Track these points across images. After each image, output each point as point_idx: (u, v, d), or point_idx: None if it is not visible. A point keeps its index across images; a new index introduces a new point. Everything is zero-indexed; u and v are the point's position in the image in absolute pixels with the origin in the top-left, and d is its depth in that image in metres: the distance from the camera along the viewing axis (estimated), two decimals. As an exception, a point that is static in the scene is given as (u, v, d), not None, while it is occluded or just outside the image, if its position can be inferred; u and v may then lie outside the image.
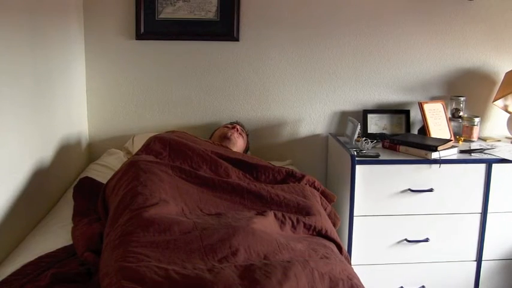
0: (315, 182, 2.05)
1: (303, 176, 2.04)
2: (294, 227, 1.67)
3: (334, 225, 1.93)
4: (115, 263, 1.25)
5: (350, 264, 1.65)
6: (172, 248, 1.34)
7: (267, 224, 1.58)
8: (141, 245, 1.33)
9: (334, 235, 1.75)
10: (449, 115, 2.70)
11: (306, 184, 2.00)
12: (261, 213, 1.65)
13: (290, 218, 1.68)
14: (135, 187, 1.62)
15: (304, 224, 1.69)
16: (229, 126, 2.44)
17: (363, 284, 1.44)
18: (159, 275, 1.19)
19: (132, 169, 1.74)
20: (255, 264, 1.30)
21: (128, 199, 1.57)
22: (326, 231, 1.72)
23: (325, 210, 1.90)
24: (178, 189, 1.71)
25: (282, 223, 1.65)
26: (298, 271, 1.29)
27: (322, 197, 2.00)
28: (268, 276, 1.23)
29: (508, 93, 2.57)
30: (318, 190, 2.03)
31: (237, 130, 2.39)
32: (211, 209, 1.69)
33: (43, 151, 2.02)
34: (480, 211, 2.35)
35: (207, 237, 1.39)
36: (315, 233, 1.71)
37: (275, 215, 1.66)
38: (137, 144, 2.52)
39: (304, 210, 1.76)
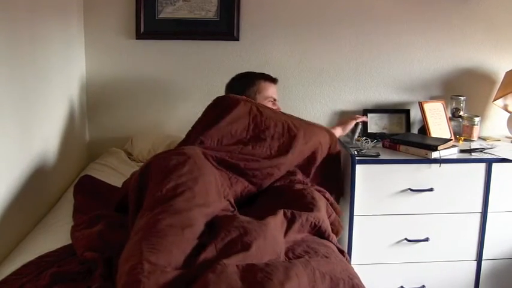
0: (326, 193, 2.00)
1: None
2: (302, 225, 1.66)
3: (337, 233, 1.91)
4: (140, 254, 1.24)
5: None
6: (192, 247, 1.34)
7: (276, 226, 1.56)
8: (170, 243, 1.31)
9: (334, 240, 1.74)
10: (449, 115, 2.70)
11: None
12: (273, 213, 1.62)
13: (300, 217, 1.67)
14: (187, 181, 1.56)
15: (311, 223, 1.68)
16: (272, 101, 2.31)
17: (363, 283, 1.44)
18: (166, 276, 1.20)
19: (187, 164, 1.65)
20: (256, 265, 1.29)
21: (177, 191, 1.51)
22: (329, 235, 1.72)
23: (329, 217, 1.88)
24: (218, 193, 1.67)
25: (290, 221, 1.64)
26: (299, 271, 1.29)
27: (329, 205, 1.96)
28: (269, 277, 1.22)
29: (508, 93, 2.57)
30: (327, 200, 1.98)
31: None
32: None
33: (43, 151, 2.02)
34: (480, 210, 2.35)
35: (220, 241, 1.38)
36: (316, 233, 1.70)
37: (284, 214, 1.65)
38: (136, 146, 2.53)
39: (311, 205, 1.75)
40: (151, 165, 1.67)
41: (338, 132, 2.34)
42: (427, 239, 2.34)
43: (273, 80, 2.32)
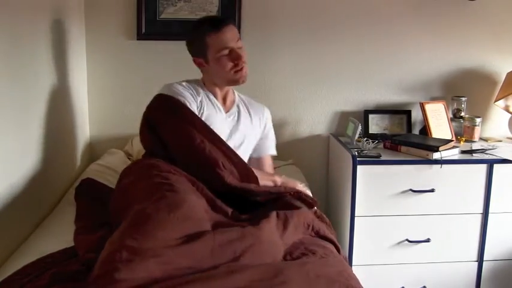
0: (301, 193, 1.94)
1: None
2: (296, 225, 1.66)
3: None
4: (121, 241, 1.23)
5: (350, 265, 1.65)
6: (183, 226, 1.32)
7: (272, 230, 1.55)
8: (155, 227, 1.28)
9: (330, 236, 1.74)
10: (450, 115, 2.69)
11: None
12: (266, 216, 1.61)
13: (292, 216, 1.67)
14: (165, 181, 1.55)
15: (304, 223, 1.69)
16: (238, 63, 1.87)
17: (364, 285, 1.43)
18: (157, 269, 1.19)
19: (153, 170, 1.64)
20: (248, 265, 1.29)
21: (161, 189, 1.50)
22: (324, 231, 1.72)
23: (315, 213, 1.89)
24: (192, 190, 1.64)
25: (285, 222, 1.64)
26: (292, 273, 1.28)
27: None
28: (261, 279, 1.22)
29: (510, 94, 2.56)
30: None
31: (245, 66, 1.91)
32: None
33: (44, 151, 2.01)
34: (481, 211, 2.34)
35: (219, 234, 1.37)
36: (313, 234, 1.70)
37: (277, 215, 1.65)
38: (136, 147, 2.52)
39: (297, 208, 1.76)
40: (121, 182, 1.72)
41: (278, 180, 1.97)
42: (428, 240, 2.33)
43: (218, 26, 1.84)
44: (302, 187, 1.99)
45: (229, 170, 1.74)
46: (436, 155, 2.27)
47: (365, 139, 2.46)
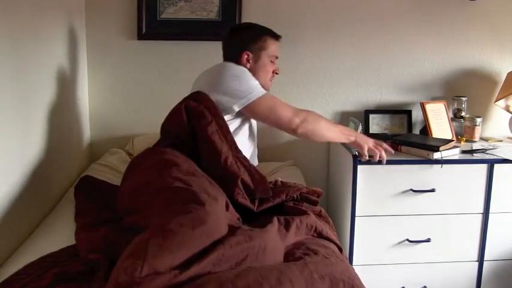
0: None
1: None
2: (298, 227, 1.67)
3: None
4: (144, 255, 1.22)
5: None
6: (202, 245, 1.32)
7: (276, 234, 1.55)
8: (177, 243, 1.28)
9: (332, 237, 1.75)
10: (451, 115, 2.69)
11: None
12: (269, 221, 1.60)
13: (294, 220, 1.68)
14: (187, 187, 1.54)
15: (307, 225, 1.69)
16: (275, 74, 2.17)
17: (364, 284, 1.44)
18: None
19: (172, 170, 1.63)
20: (251, 267, 1.29)
21: (185, 199, 1.48)
22: (327, 232, 1.73)
23: (320, 211, 1.90)
24: (216, 195, 1.63)
25: (286, 226, 1.65)
26: (294, 275, 1.27)
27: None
28: (260, 281, 1.22)
29: (510, 94, 2.56)
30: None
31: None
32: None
33: (44, 151, 2.02)
34: (482, 211, 2.34)
35: (228, 237, 1.38)
36: (315, 234, 1.71)
37: (278, 220, 1.65)
38: (137, 146, 2.52)
39: (303, 212, 1.76)
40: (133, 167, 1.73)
41: (353, 136, 2.13)
42: (428, 240, 2.33)
43: (279, 37, 2.13)
44: (373, 145, 2.13)
45: (247, 184, 1.78)
46: (436, 155, 2.27)
47: (365, 139, 2.45)
